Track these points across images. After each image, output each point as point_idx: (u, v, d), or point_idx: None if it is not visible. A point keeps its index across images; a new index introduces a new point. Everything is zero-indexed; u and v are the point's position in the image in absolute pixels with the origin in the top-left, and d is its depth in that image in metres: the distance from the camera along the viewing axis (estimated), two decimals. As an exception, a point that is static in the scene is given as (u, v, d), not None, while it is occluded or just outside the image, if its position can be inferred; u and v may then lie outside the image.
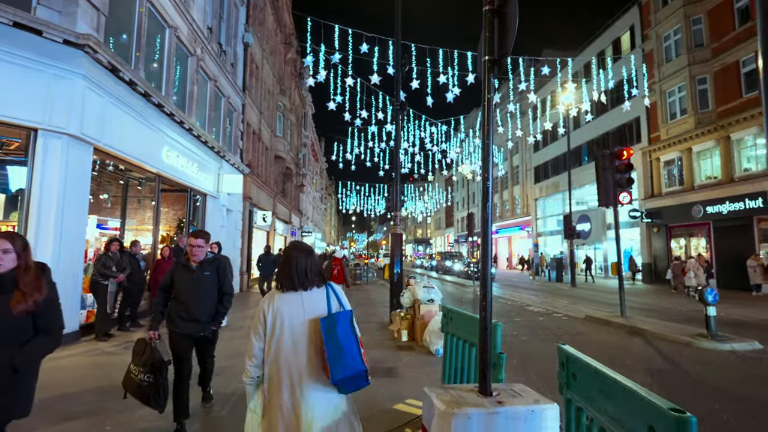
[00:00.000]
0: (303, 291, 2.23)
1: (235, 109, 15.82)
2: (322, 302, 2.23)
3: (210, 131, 12.90)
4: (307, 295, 2.23)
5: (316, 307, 2.21)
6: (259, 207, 19.49)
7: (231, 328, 8.02)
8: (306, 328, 2.16)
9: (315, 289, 2.26)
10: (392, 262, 9.09)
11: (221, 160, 13.46)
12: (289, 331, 2.14)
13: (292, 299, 2.21)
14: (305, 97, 38.07)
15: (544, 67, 17.16)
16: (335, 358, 2.05)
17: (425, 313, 6.91)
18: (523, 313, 11.35)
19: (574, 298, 15.35)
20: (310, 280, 2.25)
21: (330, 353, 2.06)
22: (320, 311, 2.20)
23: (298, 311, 2.18)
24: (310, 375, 2.12)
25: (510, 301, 14.28)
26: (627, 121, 26.82)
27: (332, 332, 2.10)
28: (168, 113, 9.45)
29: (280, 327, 2.15)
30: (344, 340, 2.10)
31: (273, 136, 23.17)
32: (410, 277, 8.29)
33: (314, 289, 2.26)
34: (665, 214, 22.96)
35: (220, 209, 13.64)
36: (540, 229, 39.16)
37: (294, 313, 2.17)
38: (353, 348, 2.11)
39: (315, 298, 2.23)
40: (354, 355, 2.09)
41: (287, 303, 2.20)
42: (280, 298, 2.22)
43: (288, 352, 2.13)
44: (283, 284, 2.25)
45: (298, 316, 2.17)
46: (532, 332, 8.62)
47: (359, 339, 2.20)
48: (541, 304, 13.31)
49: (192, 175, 11.30)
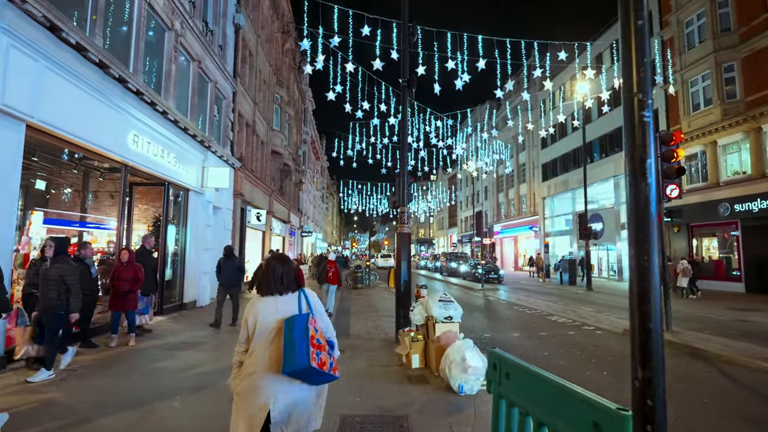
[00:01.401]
0: (279, 295, 2.51)
1: (225, 97, 14.41)
2: (294, 305, 2.50)
3: (193, 118, 11.50)
4: (282, 299, 2.51)
5: (288, 309, 2.48)
6: (253, 205, 18.08)
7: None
8: (275, 327, 2.42)
9: (289, 294, 2.53)
10: (398, 266, 7.66)
11: (206, 152, 12.04)
12: (264, 330, 2.43)
13: (269, 302, 2.49)
14: (305, 92, 36.65)
15: (561, 53, 15.69)
16: (286, 354, 2.29)
17: (442, 335, 5.48)
18: (547, 326, 9.91)
19: (597, 305, 13.89)
20: (285, 286, 2.53)
21: (284, 348, 2.31)
22: (291, 313, 2.45)
23: (273, 312, 2.46)
24: (272, 368, 2.35)
25: (528, 309, 12.83)
26: (644, 115, 25.30)
27: (289, 331, 2.33)
28: (134, 91, 8.04)
29: (258, 326, 2.43)
30: (297, 338, 2.31)
31: (269, 129, 21.76)
32: (421, 287, 6.85)
33: (288, 294, 2.53)
34: (687, 213, 21.44)
35: (205, 206, 12.22)
36: (548, 229, 37.67)
37: (268, 313, 2.45)
38: (302, 346, 2.30)
39: (288, 302, 2.51)
40: (301, 350, 2.28)
41: (265, 305, 2.48)
42: (260, 300, 2.51)
43: (261, 348, 2.41)
44: (262, 289, 2.54)
45: (272, 316, 2.45)
46: (568, 353, 7.18)
47: (312, 338, 2.34)
48: (564, 313, 11.86)
49: (169, 166, 9.89)
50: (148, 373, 5.51)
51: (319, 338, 2.41)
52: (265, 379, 2.34)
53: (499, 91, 16.42)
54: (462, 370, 4.66)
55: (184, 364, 5.90)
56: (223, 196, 13.98)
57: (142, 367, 5.75)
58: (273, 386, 2.33)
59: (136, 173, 9.22)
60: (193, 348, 6.89)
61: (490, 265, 25.06)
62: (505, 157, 37.75)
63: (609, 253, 29.07)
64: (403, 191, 7.93)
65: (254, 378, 2.35)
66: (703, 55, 20.43)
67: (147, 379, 5.25)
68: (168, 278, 10.45)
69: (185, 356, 6.35)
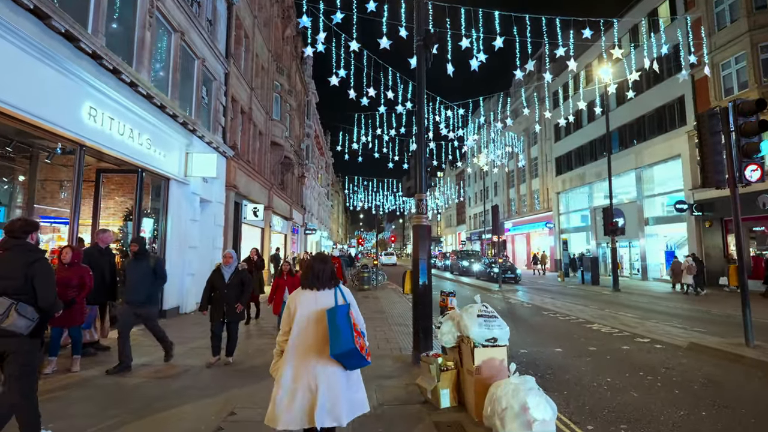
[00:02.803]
0: (317, 290, 2.89)
1: (215, 78, 12.91)
2: (331, 298, 2.86)
3: (175, 97, 10.02)
4: (320, 293, 2.89)
5: (327, 301, 2.84)
6: (249, 199, 16.61)
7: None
8: (316, 317, 2.80)
9: (327, 290, 2.91)
10: (416, 266, 6.12)
11: (191, 136, 10.56)
12: (304, 318, 2.80)
13: (309, 295, 2.89)
14: (308, 84, 35.13)
15: (585, 30, 14.01)
16: (333, 338, 2.63)
17: (484, 365, 3.93)
18: (592, 337, 8.32)
19: (635, 308, 12.27)
20: (323, 282, 2.91)
21: (330, 334, 2.65)
22: (329, 305, 2.81)
23: (312, 304, 2.84)
24: (315, 350, 2.73)
25: (559, 315, 11.23)
26: (668, 102, 23.53)
27: (333, 319, 2.69)
28: (90, 53, 6.56)
29: (298, 316, 2.80)
30: (341, 325, 2.67)
31: (269, 119, 20.27)
32: (448, 294, 5.31)
33: (326, 289, 2.91)
34: (720, 206, 19.62)
35: (190, 198, 10.75)
36: (562, 226, 35.92)
37: (309, 305, 2.84)
38: (347, 331, 2.65)
39: (326, 296, 2.88)
40: (347, 337, 2.63)
41: (306, 297, 2.88)
42: (302, 294, 2.92)
43: (302, 334, 2.77)
44: (304, 284, 2.95)
45: (312, 307, 2.83)
46: (636, 379, 5.60)
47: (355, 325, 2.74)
48: (603, 319, 10.27)
49: (141, 149, 8.41)
50: (70, 420, 4.02)
51: (359, 326, 2.81)
52: (308, 365, 2.70)
53: (519, 72, 14.82)
54: (523, 426, 3.12)
55: (139, 404, 4.41)
56: (213, 187, 12.51)
57: (69, 411, 4.26)
58: (315, 370, 2.69)
59: (101, 157, 7.78)
60: (157, 375, 5.39)
61: (507, 264, 23.49)
62: (519, 149, 35.95)
63: (631, 249, 27.30)
64: (420, 176, 6.38)
65: (296, 363, 2.72)
66: (737, 36, 18.69)
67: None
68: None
69: (141, 390, 4.86)
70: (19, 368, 3.06)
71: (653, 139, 24.58)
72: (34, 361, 3.24)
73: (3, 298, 2.99)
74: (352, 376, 2.80)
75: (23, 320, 3.03)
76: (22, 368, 3.08)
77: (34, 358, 3.26)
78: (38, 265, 3.18)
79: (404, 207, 57.58)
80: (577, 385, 5.27)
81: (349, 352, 2.61)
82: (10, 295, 3.03)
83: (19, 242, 3.21)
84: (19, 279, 3.08)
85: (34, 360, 3.26)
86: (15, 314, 2.99)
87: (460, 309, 4.54)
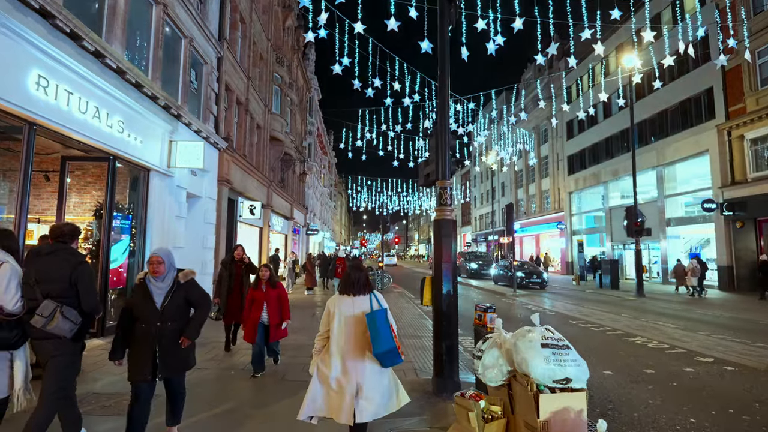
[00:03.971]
0: (354, 296, 3.15)
1: (206, 61, 11.72)
2: (367, 303, 3.13)
3: (155, 77, 8.82)
4: (357, 299, 3.15)
5: (363, 306, 3.12)
6: (245, 196, 15.41)
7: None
8: (354, 320, 3.07)
9: (362, 296, 3.17)
10: (438, 272, 4.85)
11: (175, 122, 9.36)
12: (343, 321, 3.07)
13: (347, 300, 3.15)
14: (310, 80, 33.98)
15: (614, 11, 12.72)
16: (374, 339, 2.91)
17: (555, 417, 2.66)
18: (640, 354, 7.03)
19: (673, 317, 10.94)
20: (358, 289, 3.17)
21: (372, 335, 2.92)
22: (365, 309, 3.10)
23: (350, 308, 3.11)
24: (356, 350, 3.02)
25: (591, 325, 9.93)
26: (694, 94, 22.14)
27: (373, 322, 2.97)
28: (37, 8, 5.36)
29: (337, 318, 3.07)
30: (381, 328, 2.96)
31: (268, 112, 19.08)
32: (486, 309, 4.05)
33: (362, 295, 3.17)
34: (753, 205, 18.24)
35: (174, 192, 9.54)
36: (574, 227, 34.52)
37: (347, 309, 3.11)
38: (387, 332, 2.96)
39: (362, 300, 3.15)
40: (387, 337, 2.93)
41: (344, 302, 3.14)
42: (340, 298, 3.18)
43: (341, 335, 3.03)
44: (342, 290, 3.21)
45: (350, 311, 3.10)
46: (721, 414, 4.30)
47: (392, 327, 3.05)
48: (644, 330, 8.96)
49: (112, 133, 7.20)
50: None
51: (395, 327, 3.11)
52: (349, 362, 2.99)
53: (540, 56, 13.54)
54: None
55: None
56: (203, 181, 11.31)
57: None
58: (357, 367, 2.98)
59: (66, 142, 6.58)
60: (105, 410, 4.15)
61: (531, 267, 21.63)
62: (530, 147, 34.61)
63: (650, 252, 25.87)
64: (443, 158, 5.13)
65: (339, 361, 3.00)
66: (775, 20, 17.36)
67: None
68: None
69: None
70: (62, 371, 3.05)
71: (676, 135, 23.17)
72: (75, 363, 3.25)
73: (48, 301, 2.98)
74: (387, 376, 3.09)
75: (68, 323, 3.01)
76: (64, 370, 3.08)
77: (76, 361, 3.26)
78: (82, 268, 3.17)
79: (408, 208, 56.31)
80: (654, 428, 4.00)
81: (390, 350, 2.91)
82: (54, 298, 3.03)
83: (65, 246, 3.24)
84: (64, 282, 3.07)
85: (76, 363, 3.26)
86: (60, 317, 2.97)
87: (508, 332, 3.27)
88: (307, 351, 5.87)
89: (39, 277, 3.06)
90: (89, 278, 3.22)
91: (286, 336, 5.84)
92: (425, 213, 67.37)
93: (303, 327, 8.79)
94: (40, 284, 3.04)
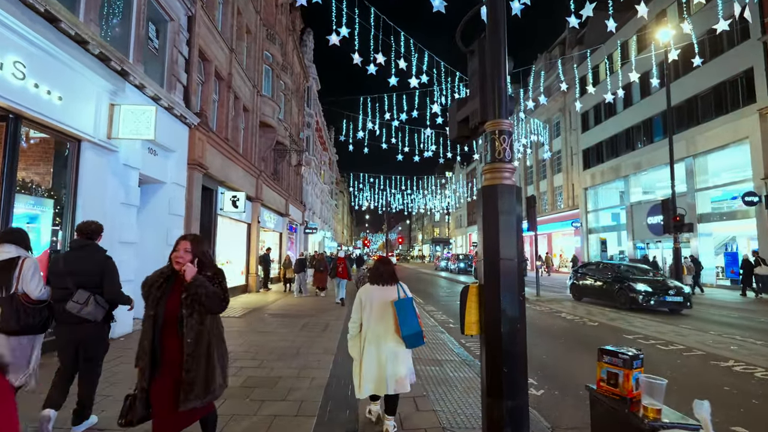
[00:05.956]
0: (382, 286, 3.60)
1: (171, 18, 9.63)
2: (394, 292, 3.56)
3: (89, 19, 6.73)
4: (385, 288, 3.59)
5: (391, 295, 3.55)
6: (228, 186, 13.32)
7: None
8: (385, 307, 3.50)
9: (389, 286, 3.62)
10: (492, 278, 2.73)
11: (119, 80, 7.25)
12: (374, 309, 3.50)
13: (377, 289, 3.60)
14: (308, 68, 31.90)
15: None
16: (403, 323, 3.39)
17: None
18: (748, 389, 4.89)
19: (740, 328, 8.77)
20: (386, 280, 3.62)
21: (400, 320, 3.39)
22: (393, 297, 3.53)
23: (380, 296, 3.54)
24: (388, 334, 3.46)
25: (668, 345, 7.76)
26: (729, 77, 19.93)
27: (401, 309, 3.44)
28: None
29: (369, 306, 3.52)
30: (408, 313, 3.44)
31: (257, 94, 17.00)
32: (632, 362, 1.94)
33: (388, 285, 3.62)
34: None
35: (120, 173, 7.44)
36: (590, 225, 32.33)
37: (377, 297, 3.54)
38: (414, 318, 3.44)
39: (391, 290, 3.60)
40: (414, 322, 3.42)
41: (374, 291, 3.59)
42: (371, 288, 3.62)
43: (374, 321, 3.48)
44: (372, 281, 3.66)
45: (381, 299, 3.53)
46: None
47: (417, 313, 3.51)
48: (729, 350, 6.81)
49: (8, 79, 5.12)
50: None
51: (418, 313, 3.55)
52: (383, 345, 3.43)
53: (574, 18, 11.43)
54: None
55: None
56: (166, 163, 9.23)
57: None
58: (390, 348, 3.43)
59: None
60: None
61: (663, 279, 12.47)
62: (544, 139, 32.39)
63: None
64: (497, 89, 3.00)
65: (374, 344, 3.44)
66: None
67: None
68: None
69: None
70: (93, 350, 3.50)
71: (709, 123, 20.97)
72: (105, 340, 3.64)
73: (82, 290, 3.37)
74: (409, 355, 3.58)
75: (100, 309, 3.45)
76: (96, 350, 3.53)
77: (104, 342, 3.64)
78: (108, 263, 3.58)
79: (411, 207, 54.05)
80: None
81: (416, 333, 3.40)
82: (85, 288, 3.42)
83: (92, 243, 3.63)
84: (93, 275, 3.48)
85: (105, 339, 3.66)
86: (93, 303, 3.39)
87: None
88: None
89: (69, 268, 3.46)
90: (115, 271, 3.61)
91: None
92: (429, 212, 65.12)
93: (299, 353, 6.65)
94: (72, 275, 3.43)
